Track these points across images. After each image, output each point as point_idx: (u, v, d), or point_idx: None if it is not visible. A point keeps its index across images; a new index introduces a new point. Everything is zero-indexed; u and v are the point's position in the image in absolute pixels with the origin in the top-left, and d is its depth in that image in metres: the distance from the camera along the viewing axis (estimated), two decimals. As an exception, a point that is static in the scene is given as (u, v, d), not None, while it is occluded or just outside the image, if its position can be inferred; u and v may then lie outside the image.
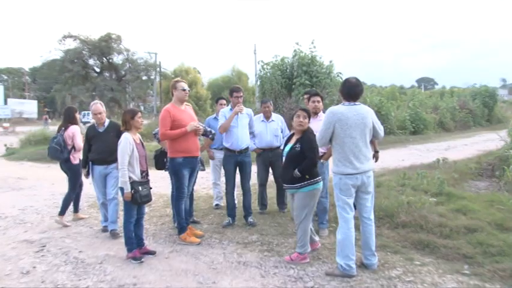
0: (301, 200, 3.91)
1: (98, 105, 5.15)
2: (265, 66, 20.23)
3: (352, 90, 3.65)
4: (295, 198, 3.97)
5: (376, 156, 4.71)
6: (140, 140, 4.34)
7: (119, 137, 4.25)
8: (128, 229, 4.16)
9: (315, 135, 3.92)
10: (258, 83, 20.80)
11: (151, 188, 4.31)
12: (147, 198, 4.20)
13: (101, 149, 4.98)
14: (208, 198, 7.03)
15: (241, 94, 5.22)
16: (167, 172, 5.28)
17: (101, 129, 5.10)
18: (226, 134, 5.24)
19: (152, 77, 33.45)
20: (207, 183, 8.22)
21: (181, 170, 4.59)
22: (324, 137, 3.64)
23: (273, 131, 5.71)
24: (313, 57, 19.46)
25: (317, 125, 4.86)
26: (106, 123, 5.13)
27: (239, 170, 5.30)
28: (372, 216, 3.76)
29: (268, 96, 18.07)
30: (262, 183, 5.88)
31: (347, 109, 3.60)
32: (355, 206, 3.76)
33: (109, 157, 4.86)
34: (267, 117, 5.79)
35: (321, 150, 4.52)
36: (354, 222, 3.64)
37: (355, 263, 3.66)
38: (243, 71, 45.67)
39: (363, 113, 3.62)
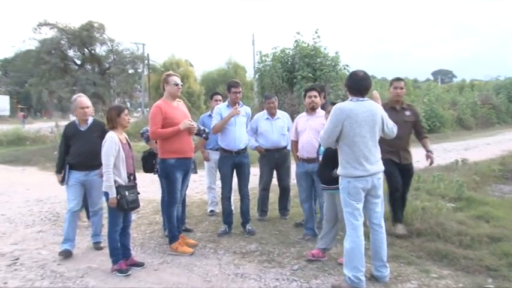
0: (341, 200, 3.91)
1: (84, 98, 4.79)
2: (264, 58, 20.28)
3: (360, 84, 3.67)
4: (336, 199, 4.03)
5: (429, 157, 5.08)
6: (127, 139, 4.34)
7: (103, 138, 4.26)
8: (113, 239, 4.17)
9: None
10: (257, 76, 20.83)
11: (139, 193, 4.31)
12: (135, 204, 4.21)
13: (82, 151, 4.63)
14: (202, 203, 7.04)
15: (240, 89, 5.25)
16: (156, 175, 5.30)
17: (82, 128, 4.75)
18: (221, 133, 5.26)
19: (139, 70, 33.52)
20: (201, 187, 8.23)
21: (174, 172, 4.60)
22: (330, 137, 3.64)
23: (280, 129, 5.72)
24: (317, 48, 19.54)
25: (315, 123, 4.93)
26: (89, 121, 4.80)
27: (236, 173, 5.32)
28: (383, 223, 3.77)
29: (267, 91, 18.11)
30: (265, 188, 5.90)
31: (356, 105, 3.61)
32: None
33: (91, 161, 4.56)
34: (272, 114, 5.79)
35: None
36: (363, 230, 3.65)
37: (365, 275, 3.66)
38: (240, 63, 45.81)
39: (373, 109, 3.64)
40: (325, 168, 4.06)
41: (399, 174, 4.94)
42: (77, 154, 4.67)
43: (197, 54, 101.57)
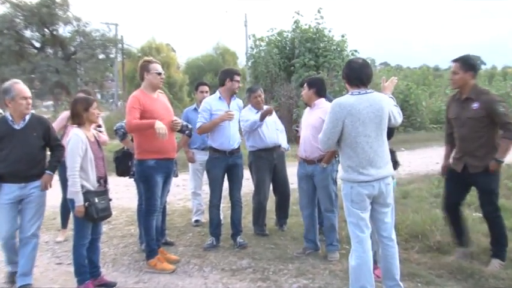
0: None
1: (23, 85, 4.32)
2: (258, 43, 20.26)
3: (361, 72, 3.67)
4: None
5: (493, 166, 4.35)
6: (96, 137, 4.34)
7: (45, 139, 4.23)
8: (79, 254, 4.15)
9: None
10: (249, 64, 20.83)
11: (110, 200, 4.31)
12: (106, 213, 4.21)
13: (18, 156, 4.16)
14: (186, 212, 7.05)
15: (239, 79, 5.31)
16: (132, 179, 5.30)
17: (18, 126, 4.24)
18: (213, 130, 5.27)
19: (112, 56, 33.39)
20: (184, 192, 8.24)
21: (153, 175, 4.60)
22: (330, 138, 3.65)
23: (273, 124, 5.75)
24: (320, 30, 19.57)
25: (312, 117, 4.92)
26: (27, 117, 4.30)
27: (228, 176, 5.35)
28: (394, 236, 3.78)
29: (262, 82, 18.13)
30: (267, 197, 5.82)
31: (358, 99, 3.60)
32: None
33: (29, 170, 4.20)
34: (259, 108, 5.78)
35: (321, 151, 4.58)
36: (371, 243, 3.67)
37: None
38: (230, 48, 45.82)
39: (378, 102, 3.62)
40: None
41: (461, 187, 4.62)
42: (10, 161, 4.16)
43: (180, 37, 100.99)
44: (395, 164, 4.35)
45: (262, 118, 5.44)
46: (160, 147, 4.59)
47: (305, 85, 5.02)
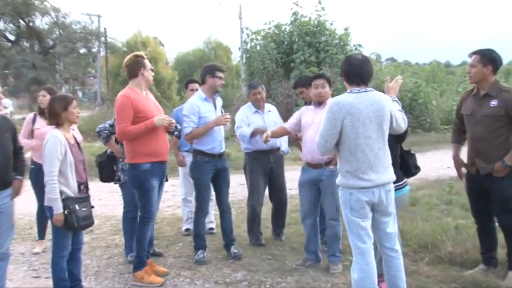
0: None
1: None
2: (253, 37, 20.28)
3: (361, 69, 3.68)
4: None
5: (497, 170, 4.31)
6: (76, 139, 4.34)
7: (14, 142, 4.19)
8: (58, 267, 4.14)
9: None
10: (244, 59, 20.87)
11: (93, 207, 4.31)
12: (87, 222, 4.20)
13: None
14: (175, 220, 7.07)
15: (222, 75, 5.27)
16: (117, 185, 5.29)
17: None
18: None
19: (94, 50, 33.34)
20: (174, 199, 8.25)
21: (149, 180, 4.61)
22: (328, 141, 3.64)
23: (273, 124, 5.74)
24: (321, 23, 19.64)
25: (323, 116, 4.90)
26: None
27: (215, 181, 5.36)
28: (398, 246, 3.79)
29: (258, 79, 18.11)
30: (261, 202, 5.84)
31: (357, 98, 3.61)
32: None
33: (5, 177, 4.09)
34: (259, 107, 5.83)
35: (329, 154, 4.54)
36: (374, 254, 3.67)
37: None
38: (223, 42, 45.89)
39: (379, 102, 3.63)
40: None
41: (481, 192, 4.52)
42: None
43: (169, 31, 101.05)
44: (416, 168, 4.36)
45: (253, 135, 5.52)
46: (155, 149, 4.61)
47: (324, 81, 4.99)
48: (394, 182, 3.79)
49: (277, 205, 6.01)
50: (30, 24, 29.76)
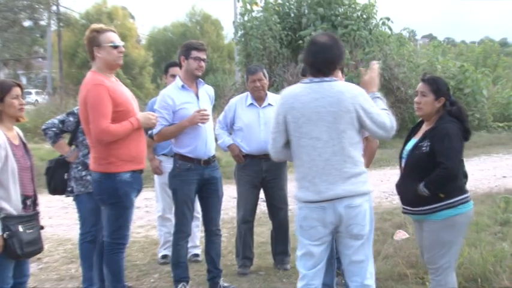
0: (436, 234, 4.03)
1: None
2: (251, 9, 20.22)
3: (316, 58, 3.73)
4: (424, 230, 4.13)
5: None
6: (21, 139, 4.32)
7: None
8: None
9: (456, 124, 4.07)
10: (239, 36, 20.75)
11: (42, 228, 4.29)
12: (34, 247, 4.16)
13: None
14: (149, 244, 7.11)
15: (205, 55, 5.26)
16: (71, 198, 5.28)
17: None
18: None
19: (43, 23, 33.27)
20: (148, 217, 8.29)
21: (129, 194, 4.60)
22: (276, 140, 3.83)
23: (270, 123, 5.71)
24: (337, -11, 19.63)
25: None
26: None
27: (202, 195, 5.37)
28: (371, 282, 3.81)
29: (256, 61, 18.09)
30: (247, 219, 5.92)
31: (305, 89, 3.72)
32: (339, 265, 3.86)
33: None
34: (259, 98, 5.81)
35: None
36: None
37: None
38: (211, 15, 45.96)
39: (335, 94, 3.64)
40: (409, 180, 4.14)
41: None
42: None
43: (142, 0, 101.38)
44: (464, 177, 4.36)
45: (233, 152, 5.75)
46: (136, 154, 4.60)
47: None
48: (453, 196, 3.91)
49: (277, 225, 6.02)
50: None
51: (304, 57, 3.93)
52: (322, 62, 3.71)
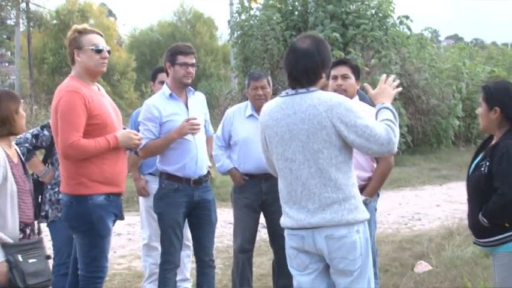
0: (507, 268, 4.01)
1: None
2: (249, 7, 20.24)
3: (292, 67, 3.75)
4: (494, 264, 4.17)
5: None
6: (20, 158, 4.37)
7: None
8: None
9: None
10: (235, 38, 20.77)
11: (49, 258, 4.36)
12: (40, 280, 4.14)
13: None
14: (133, 277, 7.13)
15: (194, 60, 5.30)
16: (44, 224, 5.30)
17: None
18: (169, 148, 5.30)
19: (10, 23, 33.41)
20: (131, 245, 8.27)
21: (104, 220, 4.55)
22: (267, 159, 4.02)
23: None
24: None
25: None
26: None
27: (192, 220, 5.40)
28: None
29: (255, 67, 18.10)
30: (245, 247, 5.90)
31: (279, 104, 3.76)
32: None
33: None
34: (260, 109, 5.81)
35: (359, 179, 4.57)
36: None
37: None
38: (204, 13, 46.10)
39: (308, 108, 3.61)
40: (470, 205, 4.19)
41: None
42: None
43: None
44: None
45: (233, 176, 5.73)
46: (112, 175, 4.56)
47: (348, 68, 5.01)
48: (502, 232, 3.88)
49: (279, 255, 5.98)
50: None
51: (283, 66, 3.97)
52: (301, 72, 3.69)
